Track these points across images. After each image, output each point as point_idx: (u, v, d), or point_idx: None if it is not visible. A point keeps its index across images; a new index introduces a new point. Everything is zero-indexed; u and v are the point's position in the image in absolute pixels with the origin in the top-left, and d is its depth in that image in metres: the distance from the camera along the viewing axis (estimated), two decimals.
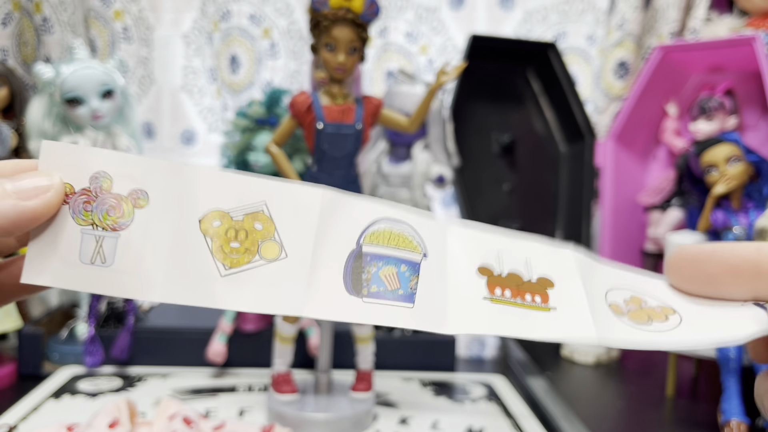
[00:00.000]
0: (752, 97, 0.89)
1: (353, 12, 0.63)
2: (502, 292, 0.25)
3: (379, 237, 0.25)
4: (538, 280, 0.26)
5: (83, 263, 0.23)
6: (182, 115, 1.10)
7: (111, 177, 0.23)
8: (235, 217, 0.24)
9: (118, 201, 0.23)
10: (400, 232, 0.25)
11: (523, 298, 0.25)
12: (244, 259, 0.24)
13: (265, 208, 0.24)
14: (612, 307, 0.26)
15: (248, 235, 0.24)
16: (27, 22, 1.00)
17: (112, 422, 0.57)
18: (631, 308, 0.26)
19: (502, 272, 0.26)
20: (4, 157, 0.86)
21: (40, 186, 0.22)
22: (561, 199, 1.06)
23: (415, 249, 0.25)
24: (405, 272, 0.25)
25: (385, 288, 0.25)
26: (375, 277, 0.25)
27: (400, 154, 0.88)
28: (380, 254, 0.25)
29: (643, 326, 0.25)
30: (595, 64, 1.12)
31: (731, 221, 0.76)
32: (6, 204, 0.21)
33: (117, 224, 0.23)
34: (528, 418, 0.72)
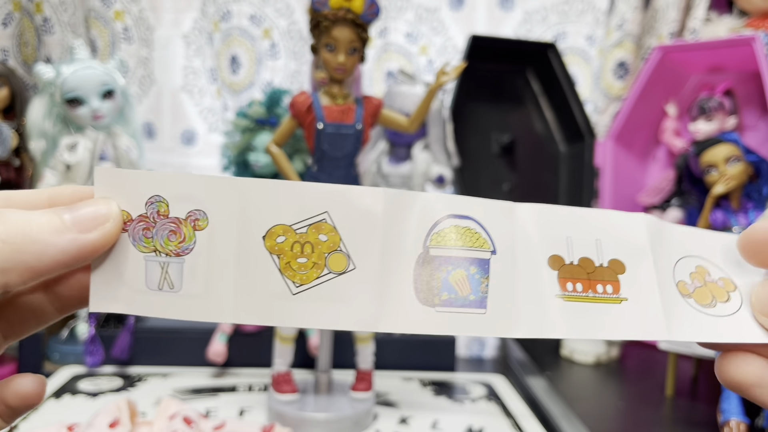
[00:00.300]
0: (752, 97, 0.90)
1: (353, 12, 0.63)
2: (573, 287, 0.24)
3: (445, 237, 0.24)
4: (610, 264, 0.25)
5: (151, 290, 0.23)
6: (182, 115, 1.10)
7: (166, 200, 0.23)
8: (298, 230, 0.23)
9: (178, 225, 0.23)
10: (467, 228, 0.24)
11: (594, 291, 0.24)
12: (313, 275, 0.23)
13: (328, 218, 0.23)
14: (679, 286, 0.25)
15: (314, 248, 0.23)
16: (27, 23, 1.00)
17: (112, 422, 0.57)
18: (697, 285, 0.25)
19: (573, 260, 0.25)
20: (4, 156, 0.86)
21: (99, 216, 0.21)
22: (561, 199, 1.06)
23: (483, 245, 0.24)
24: (475, 275, 0.24)
25: (457, 295, 0.24)
26: (445, 283, 0.24)
27: (400, 154, 0.88)
28: (448, 257, 0.24)
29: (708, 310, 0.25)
30: (594, 64, 1.12)
31: (731, 221, 0.76)
32: (66, 239, 0.20)
33: (180, 249, 0.23)
34: (528, 418, 0.72)
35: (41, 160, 0.84)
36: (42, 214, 0.21)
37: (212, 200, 0.23)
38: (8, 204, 0.22)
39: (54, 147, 0.84)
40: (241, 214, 0.23)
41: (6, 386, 0.23)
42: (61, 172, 0.82)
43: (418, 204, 0.24)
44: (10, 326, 0.24)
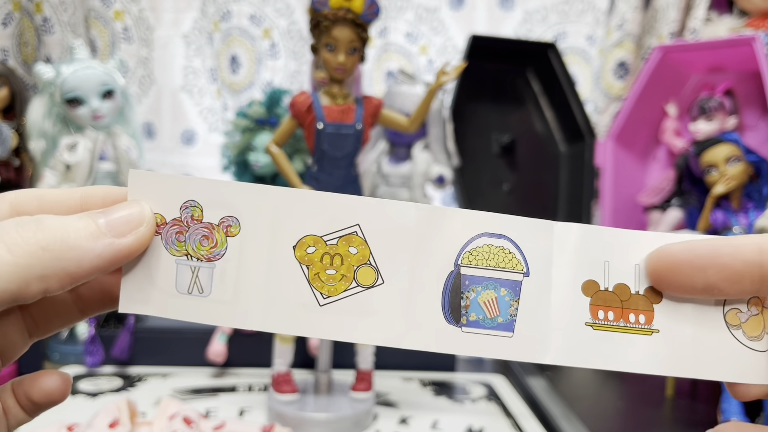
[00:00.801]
0: (752, 97, 0.89)
1: (353, 12, 0.63)
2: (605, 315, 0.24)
3: (478, 256, 0.24)
4: (646, 292, 0.24)
5: (180, 293, 0.23)
6: (182, 115, 1.10)
7: (201, 205, 0.23)
8: (329, 241, 0.23)
9: (210, 230, 0.23)
10: (501, 247, 0.24)
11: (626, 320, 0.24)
12: (341, 287, 0.23)
13: (359, 230, 0.23)
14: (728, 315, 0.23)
15: (344, 260, 0.23)
16: (27, 23, 1.00)
17: (112, 422, 0.57)
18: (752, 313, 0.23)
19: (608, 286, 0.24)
20: (4, 156, 0.86)
21: (133, 220, 0.22)
22: (561, 199, 1.06)
23: (516, 267, 0.24)
24: (505, 296, 0.24)
25: (485, 316, 0.23)
26: (474, 303, 0.23)
27: (400, 154, 0.88)
28: (479, 276, 0.24)
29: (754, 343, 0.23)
30: (594, 64, 1.12)
31: (731, 221, 0.76)
32: (102, 244, 0.21)
33: (211, 254, 0.23)
34: (528, 418, 0.72)
35: (41, 160, 0.84)
36: (78, 219, 0.21)
37: (245, 208, 0.23)
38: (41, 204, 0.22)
39: (54, 147, 0.84)
40: (273, 222, 0.23)
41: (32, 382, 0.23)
42: (61, 172, 0.82)
43: (452, 220, 0.24)
44: (36, 325, 0.24)
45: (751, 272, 0.21)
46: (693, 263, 0.22)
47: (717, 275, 0.21)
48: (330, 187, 0.68)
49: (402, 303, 0.23)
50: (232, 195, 0.23)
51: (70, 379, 0.24)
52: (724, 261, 0.21)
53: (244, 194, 0.23)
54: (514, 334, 0.23)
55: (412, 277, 0.23)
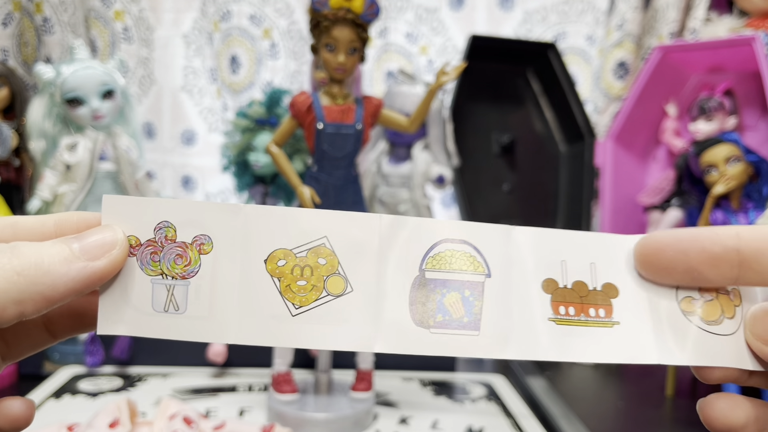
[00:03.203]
0: (752, 97, 0.90)
1: (353, 12, 0.63)
2: (566, 311, 0.25)
3: (440, 260, 0.25)
4: (604, 288, 0.25)
5: (157, 312, 0.24)
6: (182, 115, 1.10)
7: (174, 226, 0.24)
8: (298, 254, 0.24)
9: (184, 249, 0.24)
10: (462, 252, 0.25)
11: (587, 314, 0.25)
12: (312, 297, 0.24)
13: (326, 242, 0.25)
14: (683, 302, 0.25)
15: (313, 271, 0.24)
16: (27, 23, 1.00)
17: (112, 422, 0.57)
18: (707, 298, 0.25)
19: (567, 283, 0.25)
20: (5, 157, 0.86)
21: (105, 243, 0.23)
22: (561, 199, 1.06)
23: (478, 269, 0.25)
24: (469, 297, 0.25)
25: (450, 317, 0.24)
26: (440, 305, 0.25)
27: (400, 154, 0.88)
28: (443, 280, 0.25)
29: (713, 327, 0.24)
30: (594, 64, 1.12)
31: (731, 221, 0.76)
32: (76, 268, 0.22)
33: (185, 272, 0.24)
34: (528, 418, 0.72)
35: (41, 160, 0.84)
36: (52, 244, 0.22)
37: (217, 225, 0.24)
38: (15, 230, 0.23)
39: (54, 147, 0.84)
40: (245, 238, 0.24)
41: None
42: (61, 172, 0.82)
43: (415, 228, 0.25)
44: (8, 349, 0.25)
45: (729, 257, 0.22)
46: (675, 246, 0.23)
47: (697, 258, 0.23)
48: (330, 187, 0.68)
49: (371, 309, 0.24)
50: (203, 214, 0.24)
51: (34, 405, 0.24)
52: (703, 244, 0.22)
53: (215, 212, 0.24)
54: (479, 332, 0.25)
55: (379, 284, 0.24)
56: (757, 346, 0.23)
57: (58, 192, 0.82)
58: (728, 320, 0.24)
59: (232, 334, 0.24)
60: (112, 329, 0.24)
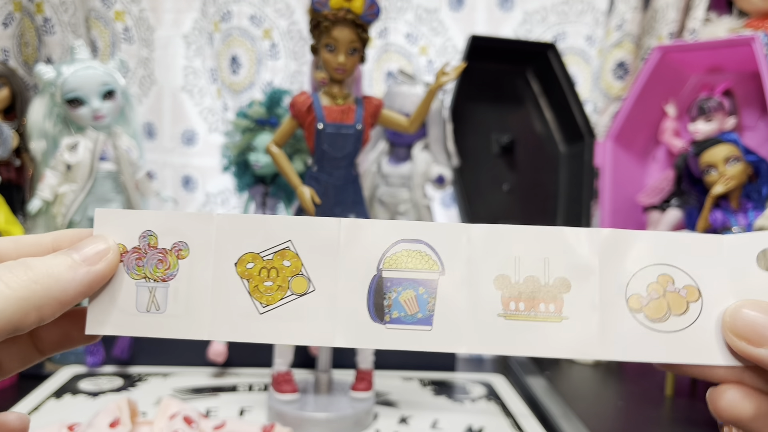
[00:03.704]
0: (751, 97, 0.90)
1: (353, 13, 0.64)
2: (516, 306, 0.26)
3: (397, 260, 0.26)
4: (555, 282, 0.26)
5: (140, 312, 0.26)
6: (183, 115, 1.11)
7: (156, 234, 0.27)
8: (265, 257, 0.27)
9: (164, 255, 0.27)
10: (417, 251, 0.26)
11: (537, 310, 0.26)
12: (278, 296, 0.26)
13: (291, 245, 0.27)
14: (630, 300, 0.26)
15: (279, 272, 0.27)
16: (28, 23, 1.00)
17: (113, 422, 0.57)
18: (653, 297, 0.25)
19: (519, 279, 0.26)
20: (5, 157, 0.86)
21: (100, 250, 0.26)
22: (560, 199, 1.06)
23: (432, 267, 0.26)
24: (423, 294, 0.26)
25: (405, 313, 0.26)
26: (396, 302, 0.26)
27: (400, 154, 0.88)
28: (399, 278, 0.26)
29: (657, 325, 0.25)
30: (594, 64, 1.12)
31: (730, 221, 0.76)
32: (81, 273, 0.25)
33: (165, 275, 0.27)
34: (527, 418, 0.73)
35: (42, 160, 0.84)
36: (55, 257, 0.25)
37: (193, 233, 0.27)
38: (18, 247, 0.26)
39: (55, 147, 0.84)
40: (217, 244, 0.27)
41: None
42: (62, 172, 0.82)
43: (373, 230, 0.27)
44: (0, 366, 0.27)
45: None
46: None
47: None
48: (330, 187, 0.68)
49: (332, 306, 0.26)
50: (181, 223, 0.27)
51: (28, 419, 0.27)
52: None
53: (190, 221, 0.27)
54: (432, 328, 0.26)
55: (340, 283, 0.26)
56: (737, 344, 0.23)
57: (58, 192, 0.82)
58: (675, 317, 0.25)
59: (205, 331, 0.26)
60: (100, 330, 0.26)
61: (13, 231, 0.83)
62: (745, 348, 0.23)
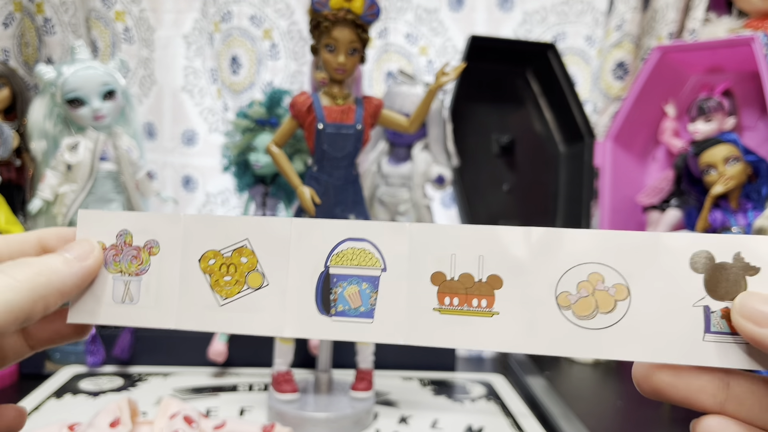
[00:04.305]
0: (751, 97, 0.90)
1: (353, 13, 0.64)
2: (450, 301, 0.28)
3: (343, 257, 0.29)
4: (488, 279, 0.28)
5: (116, 303, 0.29)
6: (183, 115, 1.11)
7: (131, 233, 0.30)
8: (225, 254, 0.29)
9: (138, 251, 0.30)
10: (362, 249, 0.29)
11: (470, 305, 0.28)
12: (236, 290, 0.29)
13: (248, 243, 0.29)
14: (560, 298, 0.27)
15: (237, 268, 0.29)
16: (28, 23, 1.00)
17: (113, 421, 0.57)
18: (582, 295, 0.27)
19: (454, 276, 0.28)
20: (6, 157, 0.86)
21: (87, 249, 0.29)
22: (560, 199, 1.06)
23: (375, 264, 0.28)
24: (366, 289, 0.28)
25: (349, 306, 0.28)
26: (341, 297, 0.29)
27: (400, 154, 0.89)
28: (344, 274, 0.29)
29: (583, 322, 0.26)
30: (594, 64, 1.12)
31: (730, 221, 0.76)
32: (75, 267, 0.28)
33: (139, 270, 0.30)
34: (527, 417, 0.73)
35: (42, 160, 0.85)
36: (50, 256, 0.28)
37: (163, 232, 0.30)
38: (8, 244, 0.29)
39: (55, 147, 0.84)
40: (184, 242, 0.30)
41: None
42: (62, 172, 0.82)
43: (321, 229, 0.29)
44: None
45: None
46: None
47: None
48: (330, 187, 0.68)
49: (284, 300, 0.29)
50: (153, 223, 0.30)
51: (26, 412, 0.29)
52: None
53: (161, 221, 0.30)
54: (373, 321, 0.28)
55: (291, 279, 0.29)
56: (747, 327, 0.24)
57: (59, 192, 0.82)
58: (603, 315, 0.26)
59: (173, 321, 0.29)
60: (80, 318, 0.29)
61: (14, 231, 0.83)
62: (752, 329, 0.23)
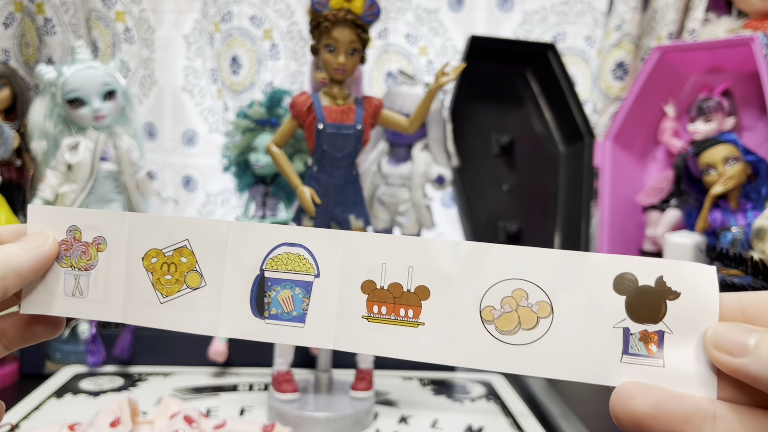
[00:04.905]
0: (750, 97, 0.90)
1: (353, 13, 0.64)
2: (379, 310, 0.28)
3: (278, 262, 0.29)
4: (416, 290, 0.28)
5: (67, 296, 0.30)
6: (183, 115, 1.11)
7: (80, 229, 0.31)
8: (167, 253, 0.30)
9: (87, 247, 0.31)
10: (297, 254, 0.29)
11: (397, 314, 0.28)
12: (176, 289, 0.30)
13: (188, 244, 0.30)
14: (484, 312, 0.27)
15: (177, 268, 0.30)
16: (29, 23, 1.00)
17: (113, 421, 0.57)
18: (505, 310, 0.27)
19: (383, 285, 0.28)
20: (6, 157, 0.86)
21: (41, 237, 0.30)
22: (560, 199, 1.06)
23: (309, 270, 0.29)
24: (299, 294, 0.29)
25: (282, 310, 0.29)
26: (274, 300, 0.29)
27: (400, 154, 0.89)
28: (279, 279, 0.29)
29: (505, 337, 0.27)
30: (593, 64, 1.12)
31: (729, 221, 0.76)
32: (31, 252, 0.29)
33: (87, 265, 0.30)
34: (527, 417, 0.73)
35: (43, 160, 0.85)
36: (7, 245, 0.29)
37: (110, 229, 0.31)
38: None
39: (55, 147, 0.84)
40: (129, 240, 0.30)
41: None
42: (63, 172, 0.82)
43: (258, 233, 0.29)
44: None
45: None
46: None
47: None
48: (330, 187, 0.68)
49: (220, 300, 0.29)
50: (100, 220, 0.31)
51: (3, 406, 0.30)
52: None
53: (108, 219, 0.31)
54: (305, 325, 0.29)
55: (228, 280, 0.29)
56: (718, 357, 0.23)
57: (59, 192, 0.82)
58: (524, 331, 0.27)
59: (119, 315, 0.30)
60: (32, 309, 0.30)
61: None
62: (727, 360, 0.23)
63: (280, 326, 0.29)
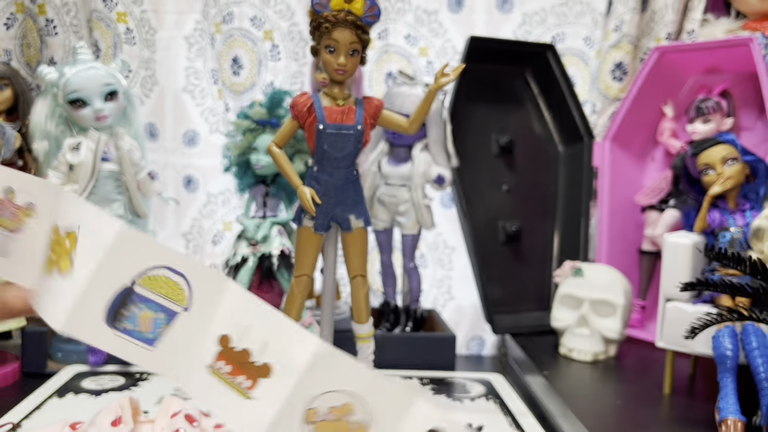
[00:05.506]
0: (748, 98, 0.90)
1: (354, 14, 0.64)
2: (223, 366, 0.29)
3: (153, 282, 0.29)
4: (262, 366, 0.28)
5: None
6: (184, 116, 1.11)
7: (15, 191, 0.31)
8: (61, 232, 0.30)
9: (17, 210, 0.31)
10: (175, 283, 0.29)
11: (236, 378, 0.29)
12: (50, 268, 0.30)
13: (77, 229, 0.29)
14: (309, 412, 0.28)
15: (60, 248, 0.30)
16: (30, 24, 1.01)
17: (115, 420, 0.57)
18: (328, 417, 0.28)
19: (237, 346, 0.29)
20: (8, 157, 0.86)
21: None
22: (559, 199, 1.07)
23: (181, 301, 0.29)
24: (160, 319, 0.29)
25: (138, 328, 0.29)
26: (133, 316, 0.29)
27: (400, 154, 0.89)
28: (147, 297, 0.29)
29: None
30: (592, 65, 1.12)
31: (728, 221, 0.77)
32: None
33: (15, 228, 0.31)
34: (526, 416, 0.73)
35: (44, 160, 0.85)
36: None
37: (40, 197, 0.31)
38: None
39: (57, 148, 0.84)
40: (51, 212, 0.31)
41: None
42: (64, 172, 0.83)
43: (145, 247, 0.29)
44: None
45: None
46: None
47: None
48: (331, 187, 0.69)
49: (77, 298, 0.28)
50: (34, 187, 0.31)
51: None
52: None
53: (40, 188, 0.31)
54: (154, 350, 0.29)
55: (94, 279, 0.28)
56: None
57: None
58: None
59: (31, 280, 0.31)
60: None
61: None
62: None
63: (129, 342, 0.29)
